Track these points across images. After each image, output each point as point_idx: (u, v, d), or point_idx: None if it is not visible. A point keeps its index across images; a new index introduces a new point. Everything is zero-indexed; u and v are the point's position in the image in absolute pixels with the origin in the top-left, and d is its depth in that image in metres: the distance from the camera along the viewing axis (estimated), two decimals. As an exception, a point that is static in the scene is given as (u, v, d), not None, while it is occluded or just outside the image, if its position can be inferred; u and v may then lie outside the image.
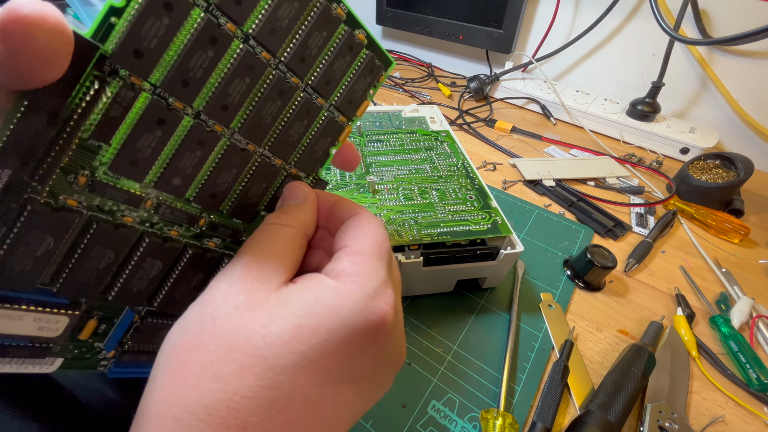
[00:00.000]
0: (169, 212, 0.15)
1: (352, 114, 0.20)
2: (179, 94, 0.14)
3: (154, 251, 0.15)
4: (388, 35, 0.94)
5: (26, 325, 0.13)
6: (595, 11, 0.61)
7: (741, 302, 0.34)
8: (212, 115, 0.15)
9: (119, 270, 0.15)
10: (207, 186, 0.16)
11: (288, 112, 0.17)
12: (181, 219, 0.16)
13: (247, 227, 0.18)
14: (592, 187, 0.50)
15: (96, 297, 0.15)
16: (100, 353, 0.16)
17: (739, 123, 0.57)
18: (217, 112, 0.15)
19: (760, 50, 0.52)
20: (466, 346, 0.30)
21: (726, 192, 0.45)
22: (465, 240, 0.31)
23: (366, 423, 0.25)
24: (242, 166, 0.17)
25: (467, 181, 0.36)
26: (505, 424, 0.24)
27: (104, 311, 0.15)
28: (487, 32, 0.69)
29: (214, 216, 0.17)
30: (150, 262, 0.15)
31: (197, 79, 0.14)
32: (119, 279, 0.15)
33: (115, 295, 0.15)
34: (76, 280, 0.14)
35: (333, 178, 0.35)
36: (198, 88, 0.14)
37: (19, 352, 0.13)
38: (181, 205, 0.16)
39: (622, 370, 0.27)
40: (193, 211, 0.16)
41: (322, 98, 0.18)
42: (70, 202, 0.13)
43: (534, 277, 0.36)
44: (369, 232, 0.16)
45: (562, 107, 0.63)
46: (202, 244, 0.17)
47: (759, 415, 0.27)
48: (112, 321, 0.16)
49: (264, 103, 0.16)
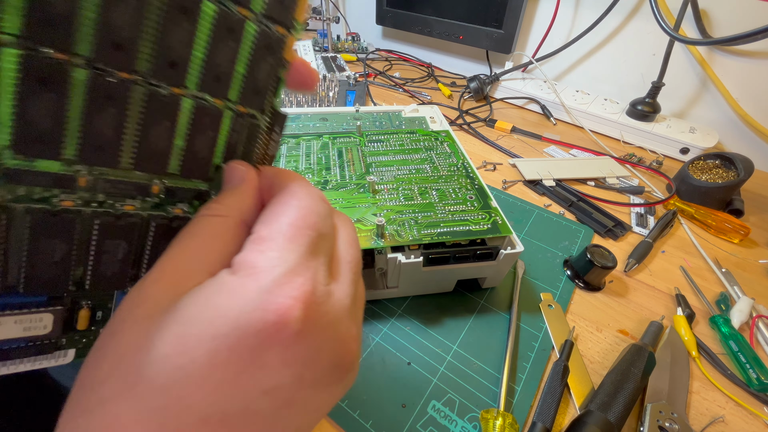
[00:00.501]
0: (110, 186, 0.13)
1: (290, 19, 0.15)
2: (52, 38, 0.11)
3: (111, 231, 0.14)
4: (388, 35, 0.94)
5: (10, 329, 0.13)
6: (595, 11, 0.61)
7: (741, 302, 0.34)
8: (107, 59, 0.12)
9: (80, 258, 0.14)
10: (141, 148, 0.13)
11: (204, 34, 0.13)
12: (130, 191, 0.14)
13: (212, 185, 0.16)
14: (592, 187, 0.50)
15: (69, 290, 0.14)
16: None
17: (739, 123, 0.57)
18: (112, 55, 0.12)
19: (760, 50, 0.52)
20: (466, 346, 0.30)
21: (726, 192, 0.45)
22: (465, 240, 0.31)
23: (366, 423, 0.25)
24: (173, 116, 0.14)
25: (467, 181, 0.36)
26: (505, 424, 0.24)
27: (92, 299, 0.15)
28: (487, 32, 0.69)
29: (166, 180, 0.15)
30: (112, 244, 0.14)
31: (66, 15, 0.11)
32: (87, 267, 0.14)
33: (91, 283, 0.14)
34: (36, 278, 0.13)
35: (333, 177, 0.35)
36: (71, 27, 0.11)
37: (24, 352, 0.13)
38: (120, 175, 0.13)
39: (622, 370, 0.27)
40: (139, 180, 0.14)
41: (245, 8, 0.14)
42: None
43: (534, 277, 0.36)
44: (286, 210, 0.13)
45: (562, 107, 0.63)
46: (168, 214, 0.15)
47: (759, 415, 0.27)
48: (106, 306, 0.15)
49: (167, 30, 0.12)
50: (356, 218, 0.31)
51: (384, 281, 0.33)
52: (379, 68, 0.82)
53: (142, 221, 0.14)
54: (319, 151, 0.39)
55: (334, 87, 0.64)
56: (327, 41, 0.87)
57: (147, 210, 0.15)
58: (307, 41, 0.75)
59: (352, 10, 0.97)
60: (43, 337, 0.14)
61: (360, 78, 0.74)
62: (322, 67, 0.75)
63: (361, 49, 0.89)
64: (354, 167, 0.37)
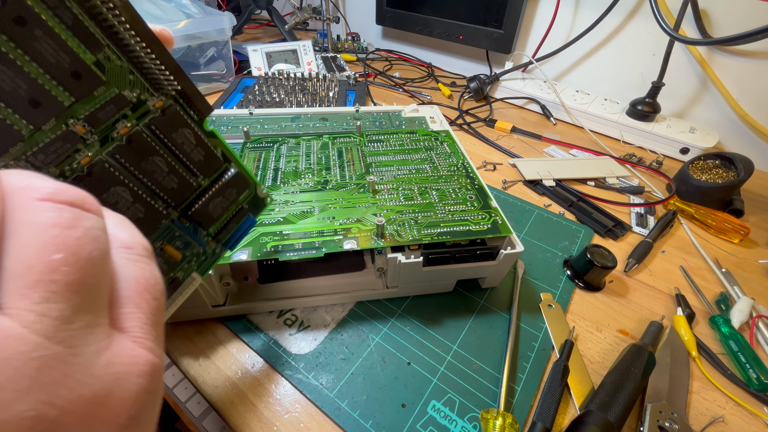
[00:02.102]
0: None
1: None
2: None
3: (134, 154, 0.15)
4: (388, 35, 0.94)
5: None
6: (595, 11, 0.61)
7: (741, 302, 0.34)
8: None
9: (146, 190, 0.16)
10: (24, 87, 0.13)
11: None
12: (66, 143, 0.14)
13: (109, 77, 0.15)
14: (592, 187, 0.50)
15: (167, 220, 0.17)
16: (202, 251, 0.20)
17: (739, 123, 0.57)
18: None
19: (760, 50, 0.52)
20: (466, 346, 0.30)
21: (726, 192, 0.45)
22: (465, 240, 0.31)
23: (366, 423, 0.25)
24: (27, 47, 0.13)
25: (467, 181, 0.36)
26: (505, 424, 0.24)
27: (159, 240, 0.18)
28: (487, 32, 0.69)
29: (78, 110, 0.14)
30: (147, 163, 0.16)
31: None
32: (156, 194, 0.16)
33: (170, 202, 0.17)
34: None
35: (333, 177, 0.35)
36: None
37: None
38: (44, 134, 0.14)
39: (622, 370, 0.27)
40: (56, 130, 0.14)
41: None
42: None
43: (534, 277, 0.36)
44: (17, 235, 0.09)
45: (562, 107, 0.63)
46: (153, 109, 0.16)
47: (759, 415, 0.27)
48: (173, 236, 0.18)
49: None
50: (356, 218, 0.31)
51: (384, 281, 0.33)
52: (379, 68, 0.82)
53: (143, 131, 0.16)
54: (319, 151, 0.39)
55: (334, 87, 0.64)
56: (327, 41, 0.87)
57: (99, 153, 0.15)
58: (307, 41, 0.75)
59: (352, 10, 0.97)
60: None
61: (360, 78, 0.74)
62: (322, 67, 0.75)
63: (361, 49, 0.89)
64: (354, 167, 0.37)
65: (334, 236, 0.29)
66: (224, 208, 0.21)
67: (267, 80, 0.64)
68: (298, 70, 0.70)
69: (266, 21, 1.07)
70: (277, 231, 0.29)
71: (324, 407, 0.26)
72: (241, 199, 0.22)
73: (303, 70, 0.71)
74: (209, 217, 0.20)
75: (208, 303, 0.29)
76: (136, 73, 0.16)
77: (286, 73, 0.65)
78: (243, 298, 0.31)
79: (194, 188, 0.19)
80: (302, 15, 0.85)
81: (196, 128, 0.18)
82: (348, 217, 0.31)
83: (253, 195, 0.22)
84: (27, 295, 0.08)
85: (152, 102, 0.17)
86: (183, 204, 0.19)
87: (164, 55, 0.16)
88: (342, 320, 0.32)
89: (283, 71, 0.65)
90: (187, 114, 0.18)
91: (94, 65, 0.15)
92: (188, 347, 0.29)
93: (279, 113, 0.47)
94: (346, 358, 0.29)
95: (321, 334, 0.30)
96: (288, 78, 0.64)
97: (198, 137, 0.18)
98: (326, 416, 0.26)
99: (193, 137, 0.18)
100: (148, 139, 0.16)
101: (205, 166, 0.19)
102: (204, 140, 0.19)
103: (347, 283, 0.33)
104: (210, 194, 0.20)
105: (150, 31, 0.15)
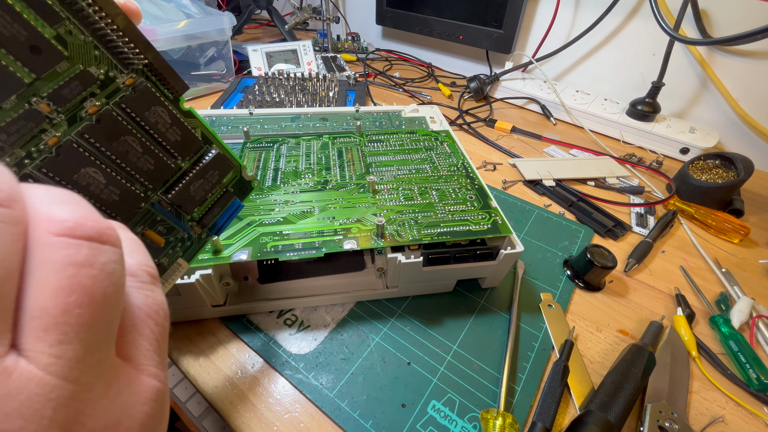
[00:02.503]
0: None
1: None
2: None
3: (104, 133, 0.15)
4: (388, 35, 0.94)
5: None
6: (595, 11, 0.61)
7: (741, 302, 0.34)
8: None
9: (117, 171, 0.16)
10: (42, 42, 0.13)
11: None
12: (29, 122, 0.14)
13: (72, 52, 0.15)
14: (592, 187, 0.50)
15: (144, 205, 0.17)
16: (187, 237, 0.20)
17: (739, 123, 0.57)
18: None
19: (760, 50, 0.52)
20: (466, 346, 0.30)
21: (726, 192, 0.45)
22: (465, 240, 0.31)
23: (366, 423, 0.25)
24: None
25: (467, 181, 0.36)
26: (505, 424, 0.24)
27: (137, 224, 0.17)
28: (487, 32, 0.69)
29: (41, 87, 0.14)
30: (119, 144, 0.15)
31: None
32: (132, 176, 0.16)
33: (147, 184, 0.17)
34: (107, 205, 0.16)
35: (333, 177, 0.35)
36: None
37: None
38: (5, 113, 0.13)
39: (622, 370, 0.27)
40: (18, 108, 0.14)
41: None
42: None
43: (534, 277, 0.36)
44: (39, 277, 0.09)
45: (562, 107, 0.63)
46: (123, 87, 0.16)
47: (759, 415, 0.27)
48: (155, 220, 0.18)
49: None
50: (356, 218, 0.31)
51: (384, 281, 0.33)
52: (379, 68, 0.82)
53: (113, 109, 0.15)
54: (319, 151, 0.39)
55: (334, 87, 0.64)
56: (327, 41, 0.87)
57: (67, 133, 0.15)
58: (307, 41, 0.75)
59: (352, 10, 0.97)
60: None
61: (360, 78, 0.74)
62: (322, 67, 0.75)
63: (361, 49, 0.89)
64: (354, 167, 0.37)
65: (334, 236, 0.29)
66: (207, 191, 0.20)
67: (267, 80, 0.64)
68: (298, 70, 0.70)
69: (266, 21, 1.07)
70: (277, 231, 0.29)
71: (324, 407, 0.26)
72: (225, 182, 0.21)
73: (303, 70, 0.71)
74: (191, 200, 0.19)
75: (208, 303, 0.29)
76: (101, 48, 0.15)
77: (286, 73, 0.65)
78: (243, 298, 0.31)
79: (173, 170, 0.18)
80: (302, 15, 0.85)
81: (170, 106, 0.17)
82: (348, 217, 0.31)
83: (238, 178, 0.22)
84: (43, 337, 0.08)
85: (122, 79, 0.16)
86: (163, 187, 0.18)
87: (131, 29, 0.15)
88: (342, 320, 0.32)
89: (283, 71, 0.65)
90: (160, 92, 0.17)
91: (54, 40, 0.14)
92: (188, 347, 0.29)
93: (279, 113, 0.47)
94: (346, 358, 0.29)
95: (321, 334, 0.30)
96: (288, 78, 0.64)
97: (173, 116, 0.18)
98: (326, 416, 0.26)
99: (167, 116, 0.17)
100: (118, 118, 0.16)
101: (183, 147, 0.18)
102: (180, 119, 0.18)
103: (347, 283, 0.33)
104: (191, 176, 0.19)
105: (114, 4, 0.15)
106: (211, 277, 0.27)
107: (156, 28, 0.56)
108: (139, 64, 0.16)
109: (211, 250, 0.28)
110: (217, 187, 0.21)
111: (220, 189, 0.21)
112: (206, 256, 0.27)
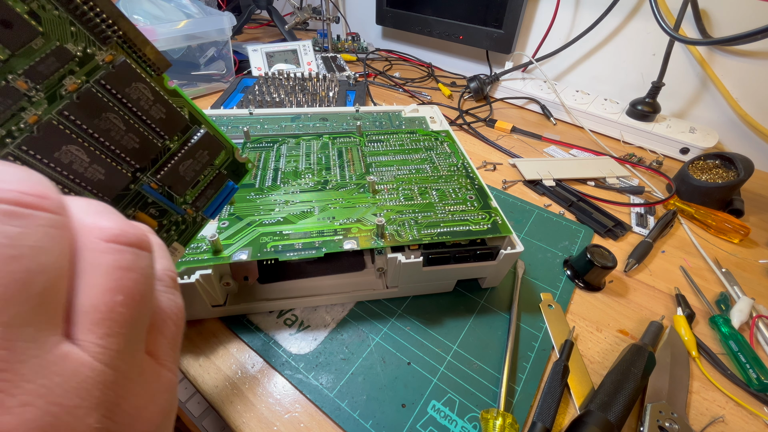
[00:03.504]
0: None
1: None
2: None
3: (85, 111, 0.15)
4: (388, 35, 0.94)
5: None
6: (595, 11, 0.61)
7: (741, 302, 0.34)
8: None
9: (103, 151, 0.16)
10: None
11: None
12: (6, 98, 0.14)
13: (47, 28, 0.15)
14: (592, 187, 0.50)
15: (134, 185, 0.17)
16: (181, 220, 0.20)
17: (739, 123, 0.57)
18: None
19: (760, 50, 0.52)
20: (466, 346, 0.30)
21: (726, 192, 0.45)
22: (465, 240, 0.31)
23: (366, 423, 0.25)
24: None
25: (467, 181, 0.36)
26: (505, 424, 0.24)
27: (128, 206, 0.17)
28: (487, 32, 0.69)
29: (16, 64, 0.14)
30: (101, 122, 0.15)
31: None
32: (118, 156, 0.16)
33: (135, 163, 0.17)
34: (93, 185, 0.15)
35: (333, 177, 0.35)
36: None
37: None
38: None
39: (622, 370, 0.27)
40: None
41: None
42: None
43: (534, 277, 0.36)
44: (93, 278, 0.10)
45: (562, 107, 0.63)
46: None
47: (759, 415, 0.27)
48: (146, 202, 0.18)
49: None
50: (356, 218, 0.31)
51: (384, 281, 0.33)
52: (379, 68, 0.82)
53: (93, 86, 0.15)
54: (319, 151, 0.39)
55: (334, 87, 0.64)
56: (327, 41, 0.87)
57: (47, 111, 0.15)
58: (307, 41, 0.75)
59: (352, 10, 0.97)
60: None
61: (360, 78, 0.74)
62: (322, 67, 0.75)
63: (361, 49, 0.89)
64: (354, 167, 0.37)
65: (334, 236, 0.29)
66: (197, 172, 0.20)
67: (267, 80, 0.64)
68: (298, 70, 0.70)
69: (266, 21, 1.07)
70: (277, 231, 0.29)
71: (324, 407, 0.26)
72: (217, 163, 0.21)
73: (303, 70, 0.71)
74: (181, 181, 0.19)
75: (208, 303, 0.29)
76: (77, 24, 0.15)
77: (286, 73, 0.65)
78: (243, 298, 0.31)
79: (159, 149, 0.18)
80: (302, 15, 0.85)
81: (152, 83, 0.17)
82: (348, 217, 0.31)
83: (231, 160, 0.22)
84: (93, 330, 0.10)
85: (101, 56, 0.16)
86: (152, 168, 0.18)
87: (105, 3, 0.15)
88: (342, 320, 0.32)
89: (283, 71, 0.65)
90: (141, 68, 0.17)
91: (27, 15, 0.14)
92: (188, 347, 0.29)
93: (279, 113, 0.47)
94: (346, 358, 0.29)
95: (321, 334, 0.30)
96: (288, 78, 0.64)
97: (156, 93, 0.17)
98: (326, 416, 0.26)
99: (150, 92, 0.17)
100: (98, 95, 0.16)
101: (168, 125, 0.18)
102: (163, 96, 0.18)
103: (347, 283, 0.33)
104: (179, 156, 0.19)
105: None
106: (211, 277, 0.27)
107: (156, 28, 0.56)
108: (114, 36, 0.16)
109: (211, 250, 0.28)
110: (209, 168, 0.21)
111: (213, 171, 0.21)
112: (206, 256, 0.27)
